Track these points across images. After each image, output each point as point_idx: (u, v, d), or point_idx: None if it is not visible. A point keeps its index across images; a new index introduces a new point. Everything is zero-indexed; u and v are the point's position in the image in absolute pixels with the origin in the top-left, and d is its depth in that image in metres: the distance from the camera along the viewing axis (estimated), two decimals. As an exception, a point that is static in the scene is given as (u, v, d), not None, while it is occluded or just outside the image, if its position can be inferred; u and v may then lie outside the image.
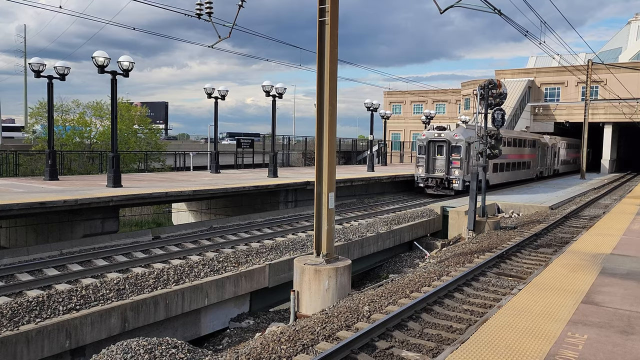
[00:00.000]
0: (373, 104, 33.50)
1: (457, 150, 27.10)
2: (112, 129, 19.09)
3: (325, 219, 11.66)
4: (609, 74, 52.65)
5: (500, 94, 19.61)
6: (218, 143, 29.09)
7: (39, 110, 36.07)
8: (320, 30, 11.52)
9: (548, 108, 56.70)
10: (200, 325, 11.82)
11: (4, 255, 12.58)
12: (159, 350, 8.56)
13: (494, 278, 11.71)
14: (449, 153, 27.20)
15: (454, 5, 14.58)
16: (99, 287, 10.30)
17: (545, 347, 6.29)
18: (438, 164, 27.66)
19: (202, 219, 22.12)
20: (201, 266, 12.26)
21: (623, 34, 73.54)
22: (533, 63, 72.84)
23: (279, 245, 14.75)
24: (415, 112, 78.88)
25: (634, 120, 49.79)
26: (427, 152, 27.84)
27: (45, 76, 19.48)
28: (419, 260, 18.28)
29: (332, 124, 11.70)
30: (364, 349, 7.69)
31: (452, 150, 27.24)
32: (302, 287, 11.31)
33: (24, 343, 8.41)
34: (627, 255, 11.52)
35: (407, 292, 10.69)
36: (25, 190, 16.44)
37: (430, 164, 27.90)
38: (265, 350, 7.77)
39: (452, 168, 27.18)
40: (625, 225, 15.83)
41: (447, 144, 27.34)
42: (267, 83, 25.02)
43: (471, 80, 61.93)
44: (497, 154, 20.01)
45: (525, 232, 17.49)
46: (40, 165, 28.07)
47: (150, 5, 15.24)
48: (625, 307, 7.93)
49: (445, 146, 27.36)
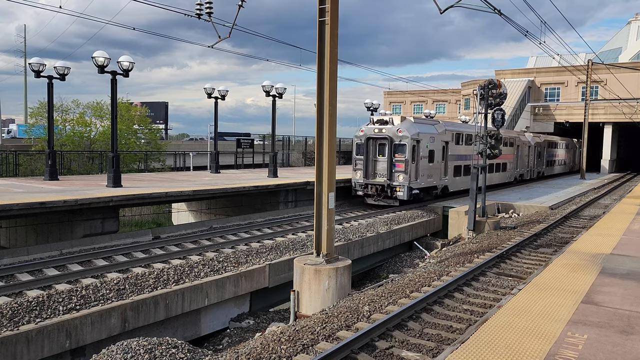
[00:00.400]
0: (373, 104, 33.48)
1: (401, 149, 21.99)
2: (112, 129, 19.09)
3: (325, 219, 11.66)
4: (609, 74, 52.66)
5: (500, 94, 19.61)
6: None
7: (39, 110, 36.06)
8: (320, 30, 11.52)
9: (548, 108, 56.71)
10: (200, 325, 11.82)
11: (4, 255, 12.57)
12: (159, 350, 8.56)
13: (494, 278, 11.71)
14: (391, 153, 22.05)
15: (454, 5, 14.59)
16: (99, 287, 10.30)
17: (545, 347, 6.29)
18: (380, 167, 22.49)
19: (202, 219, 22.12)
20: (201, 266, 12.26)
21: (623, 34, 73.57)
22: (533, 63, 72.89)
23: (279, 245, 14.75)
24: (416, 112, 78.91)
25: (634, 120, 49.79)
26: (365, 152, 22.63)
27: (45, 76, 19.47)
28: (419, 260, 18.28)
29: (332, 124, 11.71)
30: (364, 349, 7.69)
31: (395, 150, 22.11)
32: (302, 287, 11.31)
33: (24, 343, 8.42)
34: (627, 255, 11.52)
35: (407, 292, 10.69)
36: (25, 190, 16.44)
37: (370, 167, 22.65)
38: (265, 350, 7.77)
39: (395, 172, 21.98)
40: (625, 225, 15.83)
41: (389, 142, 22.01)
42: (267, 83, 25.02)
43: (471, 80, 61.95)
44: (497, 153, 20.00)
45: (525, 232, 17.49)
46: (40, 165, 28.05)
47: (150, 5, 15.25)
48: (625, 307, 7.93)
49: (388, 145, 22.11)
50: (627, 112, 50.08)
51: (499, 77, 56.34)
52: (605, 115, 52.91)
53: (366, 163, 22.63)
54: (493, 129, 19.58)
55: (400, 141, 21.95)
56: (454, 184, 26.29)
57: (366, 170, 22.65)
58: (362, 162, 22.75)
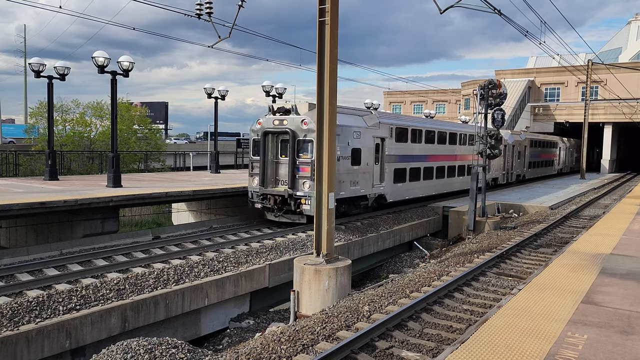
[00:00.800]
0: (373, 104, 33.46)
1: (307, 147, 16.41)
2: (112, 129, 19.09)
3: (325, 219, 11.67)
4: (609, 74, 52.69)
5: (500, 94, 19.63)
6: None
7: (39, 110, 36.06)
8: (320, 30, 11.52)
9: (548, 108, 56.73)
10: (200, 325, 11.82)
11: (4, 255, 12.57)
12: (159, 350, 8.57)
13: (493, 278, 11.71)
14: (294, 153, 16.53)
15: (454, 5, 14.59)
16: (99, 287, 10.30)
17: (545, 347, 6.29)
18: (282, 172, 17.05)
19: (202, 219, 22.11)
20: (201, 266, 12.26)
21: (623, 34, 73.62)
22: (533, 63, 72.93)
23: (279, 245, 14.75)
24: (416, 112, 78.95)
25: (634, 120, 49.81)
26: (263, 151, 17.00)
27: (45, 76, 19.48)
28: (419, 260, 18.29)
29: (332, 124, 11.71)
30: (364, 349, 7.69)
31: (299, 148, 16.58)
32: (302, 287, 11.31)
33: (24, 343, 8.41)
34: (627, 255, 11.52)
35: (407, 292, 10.69)
36: (25, 190, 16.45)
37: (269, 172, 17.05)
38: (265, 350, 7.77)
39: (299, 178, 16.45)
40: (625, 225, 15.83)
41: (292, 137, 16.45)
42: (267, 83, 25.06)
43: (471, 80, 61.98)
44: (497, 153, 19.99)
45: (525, 232, 17.49)
46: (40, 165, 28.07)
47: (150, 5, 15.25)
48: (625, 307, 7.93)
49: (290, 141, 16.54)
50: (627, 112, 50.10)
51: (499, 77, 56.37)
52: (605, 115, 52.93)
53: (264, 166, 16.99)
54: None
55: (305, 136, 16.29)
56: (396, 192, 20.89)
57: (264, 176, 17.01)
58: (259, 165, 17.11)
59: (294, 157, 16.56)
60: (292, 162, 16.56)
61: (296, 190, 16.50)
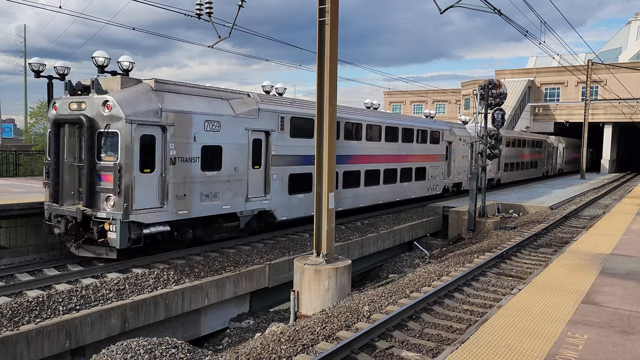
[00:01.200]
0: (373, 104, 33.43)
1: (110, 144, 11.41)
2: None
3: (325, 219, 11.66)
4: (609, 74, 52.71)
5: (500, 94, 19.64)
6: None
7: (39, 110, 36.08)
8: (320, 30, 11.52)
9: (548, 108, 56.76)
10: (200, 325, 11.82)
11: (4, 255, 12.58)
12: (159, 350, 8.57)
13: (494, 278, 11.71)
14: (92, 152, 11.45)
15: (454, 5, 14.59)
16: (99, 287, 10.30)
17: (545, 347, 6.29)
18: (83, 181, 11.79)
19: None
20: (201, 266, 12.26)
21: (623, 34, 73.63)
22: (533, 63, 72.96)
23: (279, 245, 14.75)
24: (416, 112, 78.96)
25: (634, 120, 49.84)
26: (55, 149, 12.01)
27: (45, 76, 19.45)
28: (419, 260, 18.28)
29: (332, 124, 11.71)
30: (364, 349, 7.69)
31: (100, 146, 11.54)
32: (302, 287, 11.31)
33: (24, 343, 8.42)
34: (627, 255, 11.52)
35: (407, 292, 10.69)
36: (25, 190, 16.44)
37: (66, 180, 11.99)
38: (265, 350, 7.77)
39: (99, 191, 11.38)
40: (625, 225, 15.83)
41: (88, 127, 11.35)
42: (267, 83, 24.98)
43: (471, 80, 62.00)
44: (497, 154, 19.99)
45: (525, 232, 17.49)
46: (40, 166, 28.06)
47: (150, 5, 15.25)
48: (625, 307, 7.93)
49: (86, 134, 11.41)
50: (627, 112, 50.12)
51: (499, 77, 56.38)
52: (605, 115, 52.96)
53: (56, 172, 11.98)
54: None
55: (108, 127, 11.27)
56: (292, 207, 15.80)
57: (57, 187, 11.96)
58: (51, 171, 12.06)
59: (91, 160, 11.40)
60: (88, 167, 11.38)
61: (96, 209, 11.31)
